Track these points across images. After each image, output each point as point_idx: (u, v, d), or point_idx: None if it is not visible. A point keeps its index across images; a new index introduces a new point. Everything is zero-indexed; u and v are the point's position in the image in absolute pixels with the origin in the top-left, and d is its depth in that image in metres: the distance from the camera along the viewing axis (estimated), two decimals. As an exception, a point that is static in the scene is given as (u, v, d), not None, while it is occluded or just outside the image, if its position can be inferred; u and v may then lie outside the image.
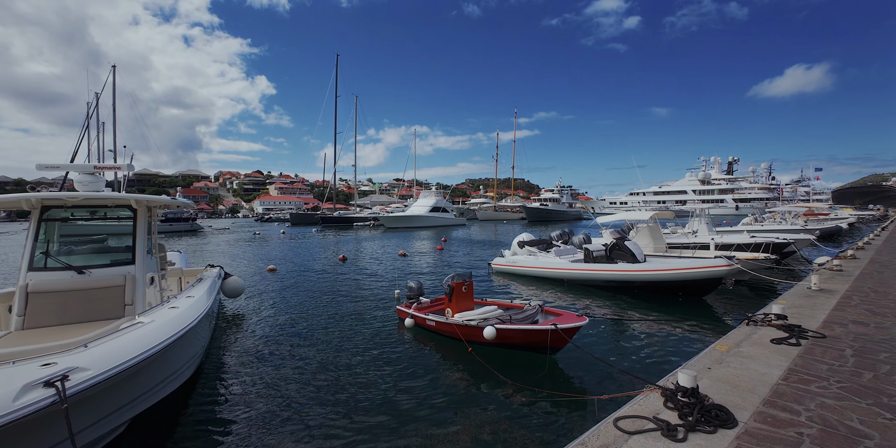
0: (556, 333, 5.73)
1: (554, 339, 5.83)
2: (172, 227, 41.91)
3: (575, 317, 6.33)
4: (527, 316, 6.75)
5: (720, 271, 9.36)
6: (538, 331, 5.85)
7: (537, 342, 5.92)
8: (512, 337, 6.17)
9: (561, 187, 78.27)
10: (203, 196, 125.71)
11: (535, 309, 7.05)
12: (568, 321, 6.04)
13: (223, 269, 10.08)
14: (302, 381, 5.59)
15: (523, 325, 6.03)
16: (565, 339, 5.91)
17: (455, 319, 6.83)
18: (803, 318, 5.63)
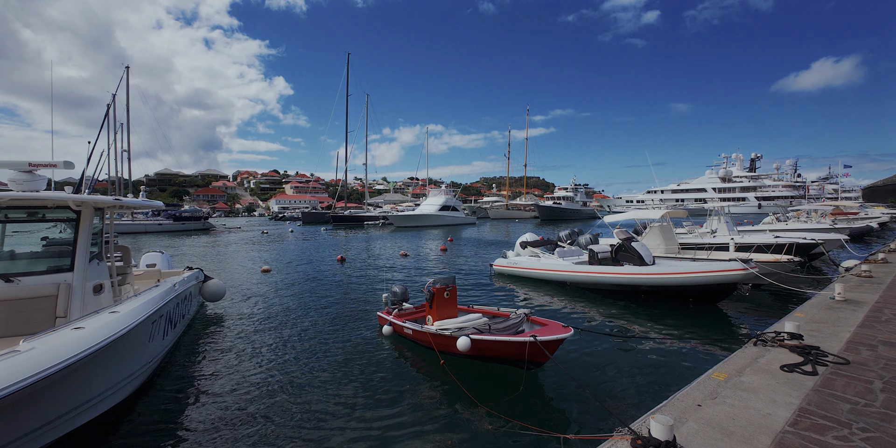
0: (536, 347, 5.11)
1: (533, 353, 5.21)
2: (185, 226, 42.44)
3: (560, 328, 5.67)
4: (509, 325, 6.12)
5: (733, 276, 8.54)
6: (515, 343, 5.23)
7: (515, 355, 5.30)
8: (488, 349, 5.57)
9: (575, 185, 76.70)
10: (221, 195, 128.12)
11: (519, 318, 6.41)
12: (550, 333, 5.39)
13: (203, 271, 9.73)
14: (261, 392, 5.21)
15: (500, 337, 5.41)
16: (546, 353, 5.30)
17: (430, 328, 6.27)
18: (823, 337, 4.85)
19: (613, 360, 6.05)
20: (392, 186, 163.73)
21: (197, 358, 6.52)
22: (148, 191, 11.96)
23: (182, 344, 7.20)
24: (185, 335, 7.70)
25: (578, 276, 10.88)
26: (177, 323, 6.84)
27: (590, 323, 8.11)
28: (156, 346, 5.57)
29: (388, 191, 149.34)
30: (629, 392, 5.01)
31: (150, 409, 4.85)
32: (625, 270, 9.85)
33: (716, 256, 11.61)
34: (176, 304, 6.71)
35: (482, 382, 5.46)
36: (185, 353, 6.78)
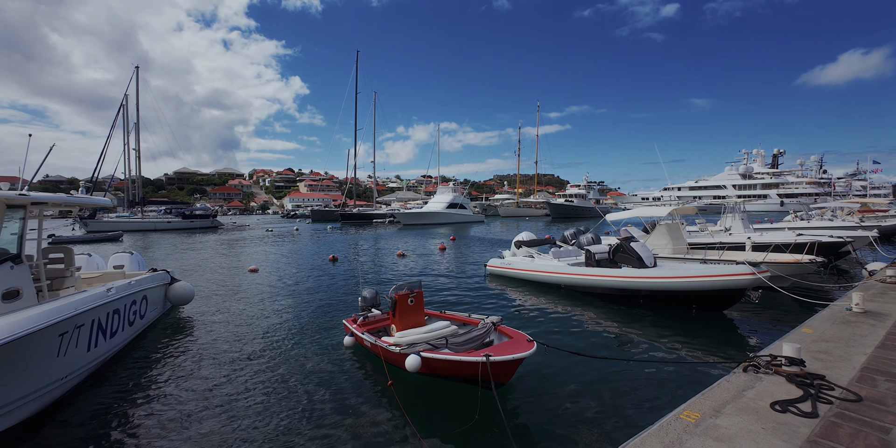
0: (492, 366, 4.43)
1: (493, 373, 4.54)
2: (194, 224, 42.75)
3: (523, 343, 4.98)
4: (472, 337, 5.42)
5: (740, 281, 7.66)
6: (467, 363, 4.56)
7: (470, 376, 4.64)
8: (441, 368, 4.91)
9: (588, 183, 74.97)
10: (237, 193, 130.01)
11: (486, 328, 5.70)
12: (509, 351, 4.71)
13: (169, 272, 9.30)
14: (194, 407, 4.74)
15: (451, 355, 4.74)
16: (505, 373, 4.62)
17: (382, 342, 5.63)
18: (832, 362, 4.02)
19: (589, 379, 5.30)
20: (405, 184, 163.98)
21: (141, 367, 6.05)
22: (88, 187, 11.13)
23: (133, 350, 6.74)
24: (142, 340, 7.26)
25: (573, 279, 10.10)
26: (118, 330, 6.35)
27: (575, 332, 7.34)
28: (74, 358, 5.06)
29: (401, 189, 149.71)
30: (597, 423, 4.28)
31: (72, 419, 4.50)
32: (621, 273, 9.04)
33: (729, 257, 10.67)
34: (114, 311, 6.22)
35: (434, 408, 4.80)
36: (132, 360, 6.31)
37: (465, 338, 5.41)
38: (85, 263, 9.21)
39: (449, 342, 5.27)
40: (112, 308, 6.14)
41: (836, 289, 9.99)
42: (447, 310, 7.30)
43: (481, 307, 9.29)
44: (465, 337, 5.43)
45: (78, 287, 6.94)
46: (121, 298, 6.45)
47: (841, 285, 10.31)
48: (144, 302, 7.68)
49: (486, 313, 8.61)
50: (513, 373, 4.72)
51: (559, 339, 7.03)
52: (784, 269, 9.37)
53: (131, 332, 7.01)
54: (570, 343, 6.82)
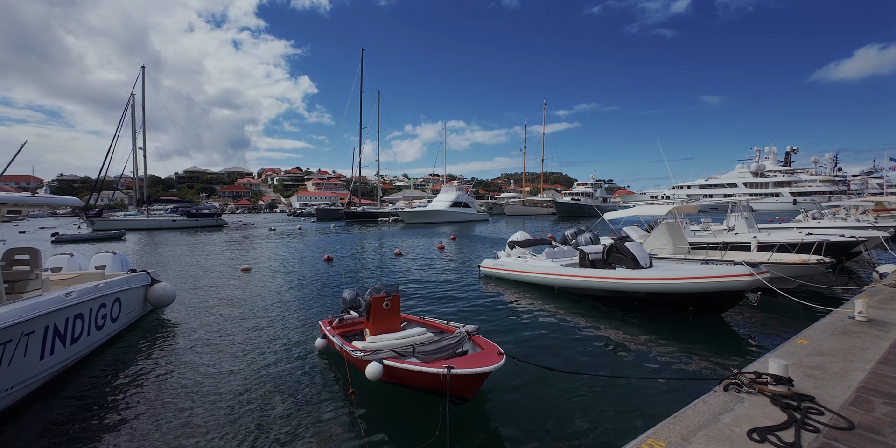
0: (453, 379, 4.13)
1: (453, 386, 4.23)
2: (198, 223, 43.00)
3: (493, 355, 4.66)
4: (442, 346, 5.13)
5: (737, 283, 7.27)
6: (428, 374, 4.27)
7: (431, 388, 4.35)
8: (404, 378, 4.63)
9: (595, 181, 74.03)
10: (245, 192, 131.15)
11: (459, 337, 5.38)
12: (475, 363, 4.40)
13: (149, 273, 9.11)
14: (143, 420, 4.50)
15: (413, 365, 4.44)
16: (468, 386, 4.32)
17: (351, 345, 5.36)
18: (826, 380, 3.63)
19: (563, 396, 4.95)
20: (412, 183, 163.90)
21: (104, 375, 5.83)
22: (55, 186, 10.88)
23: (101, 355, 6.53)
24: (114, 345, 7.06)
25: (566, 280, 9.74)
26: (81, 336, 6.14)
27: (562, 337, 6.98)
28: (22, 368, 4.83)
29: (408, 187, 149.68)
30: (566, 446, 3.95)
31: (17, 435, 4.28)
32: (614, 274, 8.66)
33: (731, 257, 10.23)
34: (76, 315, 6.01)
35: (395, 420, 4.50)
36: (98, 367, 6.10)
37: (434, 346, 5.12)
38: (66, 264, 9.07)
39: (416, 350, 4.97)
40: (74, 312, 5.92)
41: (844, 292, 9.48)
42: (427, 315, 7.01)
43: (471, 309, 8.96)
44: (435, 345, 5.14)
45: (46, 289, 6.74)
46: (85, 302, 6.23)
47: (849, 288, 9.79)
48: (118, 304, 7.48)
49: (469, 318, 8.34)
50: (477, 387, 4.40)
51: (545, 344, 6.69)
52: (789, 271, 8.90)
53: (100, 337, 6.80)
54: (555, 349, 6.48)
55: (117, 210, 61.88)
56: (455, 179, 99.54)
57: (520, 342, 6.88)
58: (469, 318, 8.31)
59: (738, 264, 7.49)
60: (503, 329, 7.60)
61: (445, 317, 8.49)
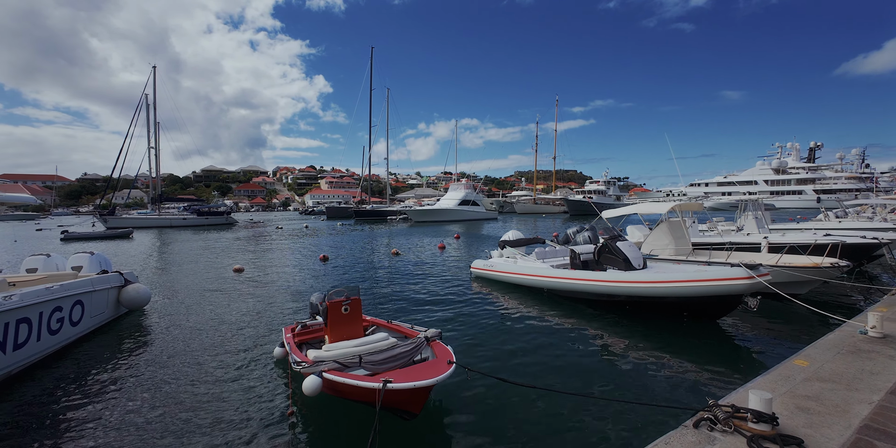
0: (392, 394, 3.70)
1: (394, 401, 3.85)
2: (208, 221, 43.44)
3: (442, 365, 4.23)
4: (396, 354, 4.67)
5: (734, 286, 6.67)
6: (363, 389, 3.87)
7: (370, 401, 3.92)
8: (344, 392, 4.23)
9: (608, 179, 72.42)
10: (260, 190, 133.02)
11: (416, 343, 4.93)
12: (420, 374, 4.00)
13: (122, 274, 8.86)
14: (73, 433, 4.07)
15: (348, 378, 4.02)
16: (410, 401, 3.88)
17: (298, 356, 4.93)
18: (822, 416, 3.03)
19: (522, 410, 4.44)
20: (425, 181, 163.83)
21: (50, 383, 5.51)
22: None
23: (54, 362, 6.25)
24: (73, 349, 6.79)
25: (554, 282, 9.21)
26: (27, 341, 5.85)
27: (540, 345, 6.43)
28: None
29: (420, 185, 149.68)
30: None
31: None
32: (604, 277, 8.10)
33: (737, 259, 9.51)
34: (19, 320, 5.72)
35: (331, 443, 4.05)
36: (47, 374, 5.81)
37: (385, 355, 4.65)
38: (42, 265, 8.88)
39: (364, 360, 4.51)
40: (15, 317, 5.64)
41: (861, 300, 8.67)
42: (396, 319, 6.55)
43: (453, 312, 8.45)
44: (386, 354, 4.67)
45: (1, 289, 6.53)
46: (31, 306, 5.94)
47: (868, 296, 8.96)
48: (79, 307, 7.22)
49: (450, 321, 7.86)
50: (421, 401, 3.97)
51: (518, 350, 6.17)
52: (800, 275, 8.13)
53: (56, 342, 6.53)
54: (529, 357, 5.98)
55: (136, 208, 63.29)
56: (467, 177, 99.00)
57: (493, 348, 6.40)
58: (450, 322, 7.86)
59: (736, 266, 6.84)
60: (481, 333, 7.12)
61: (427, 320, 8.08)
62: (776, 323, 7.37)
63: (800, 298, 7.03)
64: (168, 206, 47.69)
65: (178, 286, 11.93)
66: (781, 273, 7.89)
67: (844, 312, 7.01)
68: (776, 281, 7.55)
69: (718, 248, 10.40)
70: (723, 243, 10.90)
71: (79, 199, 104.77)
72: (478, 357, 6.10)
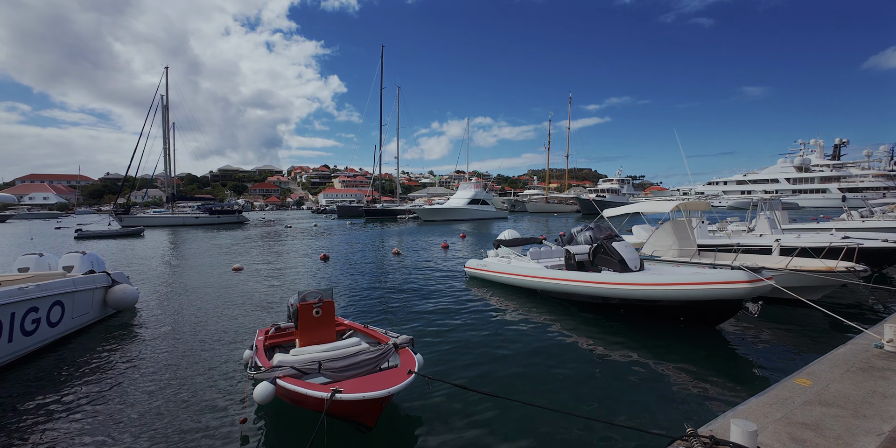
0: (340, 405, 3.48)
1: (346, 413, 3.61)
2: (220, 220, 43.98)
3: (402, 374, 3.94)
4: (360, 361, 4.36)
5: (732, 290, 6.20)
6: (312, 398, 3.62)
7: (318, 411, 3.68)
8: (297, 400, 3.99)
9: (621, 177, 70.98)
10: (275, 189, 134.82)
11: (383, 349, 4.62)
12: (373, 385, 3.71)
13: (110, 275, 8.78)
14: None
15: (298, 386, 3.76)
16: (362, 413, 3.61)
17: (261, 361, 4.69)
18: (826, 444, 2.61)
19: (495, 424, 4.09)
20: (438, 180, 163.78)
21: (20, 385, 5.39)
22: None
23: (28, 364, 6.14)
24: (53, 351, 6.67)
25: (545, 284, 8.87)
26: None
27: (525, 351, 6.04)
28: None
29: (433, 184, 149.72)
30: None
31: None
32: (597, 278, 7.70)
33: (743, 261, 8.96)
34: None
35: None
36: (22, 375, 5.69)
37: (348, 362, 4.33)
38: (34, 264, 8.85)
39: (324, 367, 4.21)
40: None
41: (881, 310, 8.02)
42: (370, 323, 6.26)
43: (440, 314, 8.12)
44: (349, 361, 4.35)
45: None
46: (3, 306, 5.82)
47: (888, 305, 8.30)
48: (58, 307, 7.11)
49: (434, 323, 7.53)
50: (375, 413, 3.68)
51: (500, 356, 5.81)
52: (812, 280, 7.54)
53: (29, 343, 6.41)
54: (508, 363, 5.61)
55: (154, 207, 64.58)
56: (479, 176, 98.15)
57: (476, 353, 6.05)
58: (433, 324, 7.53)
59: (737, 269, 6.35)
60: (465, 337, 6.77)
61: (411, 322, 7.76)
62: (783, 330, 6.83)
63: (812, 305, 6.50)
64: (182, 205, 48.47)
65: (175, 285, 11.88)
66: (791, 276, 7.34)
67: (860, 321, 6.44)
68: (786, 285, 7.04)
69: (726, 250, 9.83)
70: (730, 245, 10.30)
71: (101, 198, 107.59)
72: (455, 364, 5.76)
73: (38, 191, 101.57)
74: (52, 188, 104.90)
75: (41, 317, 6.71)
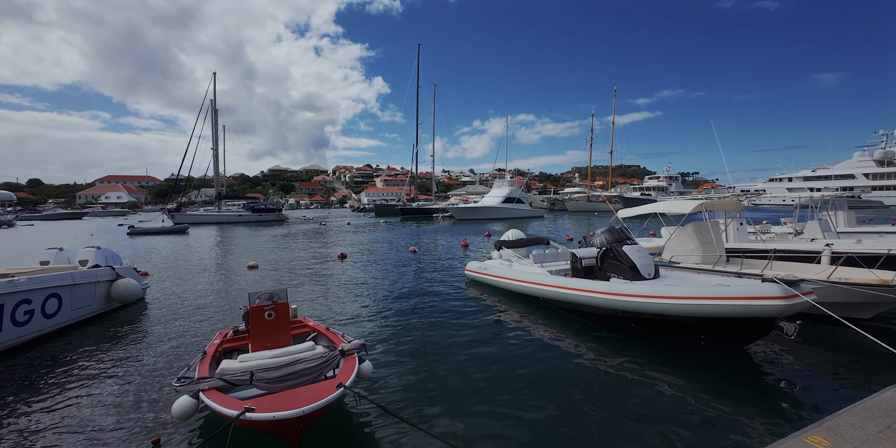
0: (253, 424, 3.18)
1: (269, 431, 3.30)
2: (262, 217, 45.92)
3: (331, 388, 3.52)
4: (300, 370, 3.99)
5: (761, 307, 5.14)
6: (224, 415, 3.32)
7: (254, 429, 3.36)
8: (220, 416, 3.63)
9: (669, 174, 66.66)
10: (320, 188, 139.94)
11: (326, 358, 4.21)
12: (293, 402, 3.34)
13: (115, 269, 9.03)
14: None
15: (213, 402, 3.44)
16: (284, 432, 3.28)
17: (201, 369, 4.42)
18: None
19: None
20: (478, 178, 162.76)
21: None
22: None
23: (19, 354, 6.32)
24: (48, 342, 6.90)
25: (546, 291, 8.00)
26: None
27: (509, 366, 5.39)
28: None
29: (473, 182, 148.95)
30: None
31: None
32: (603, 287, 6.78)
33: (778, 269, 7.73)
34: None
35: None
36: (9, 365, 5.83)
37: (285, 371, 3.95)
38: (54, 258, 9.33)
39: (256, 377, 3.86)
40: None
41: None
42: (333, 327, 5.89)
43: (429, 319, 7.62)
44: (286, 370, 3.97)
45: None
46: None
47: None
48: (55, 300, 7.32)
49: (414, 330, 7.03)
50: (295, 433, 3.23)
51: (484, 380, 5.18)
52: (861, 295, 6.20)
53: (21, 333, 6.61)
54: (493, 390, 4.95)
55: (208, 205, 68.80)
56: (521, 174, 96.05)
57: (445, 366, 5.45)
58: (414, 331, 7.02)
59: (769, 281, 5.30)
60: (444, 349, 6.20)
61: (391, 327, 7.27)
62: (814, 358, 5.68)
63: (860, 325, 5.33)
64: (230, 204, 51.12)
65: (187, 281, 12.19)
66: (836, 290, 6.10)
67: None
68: (828, 301, 5.87)
69: (761, 257, 8.48)
70: (766, 251, 8.85)
71: (165, 196, 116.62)
72: (428, 376, 5.22)
73: (113, 191, 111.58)
74: (125, 188, 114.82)
75: (34, 308, 6.91)
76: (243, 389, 4.04)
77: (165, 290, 11.01)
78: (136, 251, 20.39)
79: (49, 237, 29.14)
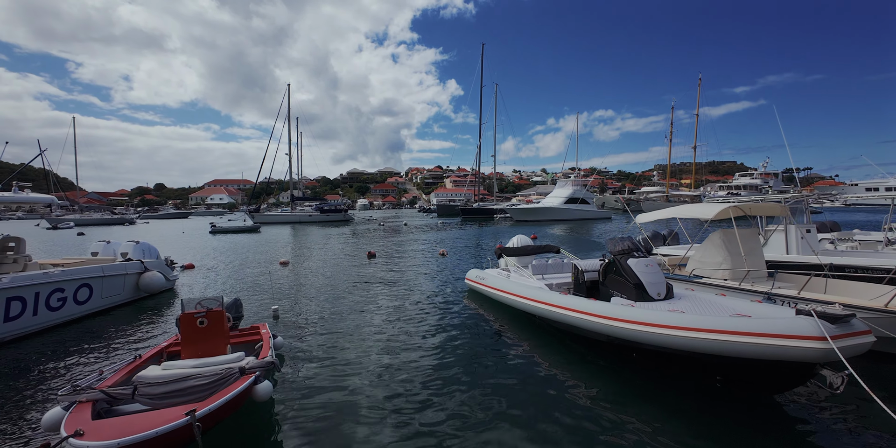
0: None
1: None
2: (329, 218, 48.97)
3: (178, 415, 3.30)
4: (188, 387, 3.79)
5: (791, 350, 3.79)
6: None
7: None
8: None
9: (766, 170, 58.34)
10: (392, 190, 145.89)
11: (221, 375, 3.96)
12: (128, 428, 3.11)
13: (143, 263, 10.03)
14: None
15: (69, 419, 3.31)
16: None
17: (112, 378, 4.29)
18: None
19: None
20: (550, 177, 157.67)
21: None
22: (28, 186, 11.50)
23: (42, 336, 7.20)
24: (73, 326, 7.71)
25: (539, 309, 6.79)
26: (21, 315, 6.85)
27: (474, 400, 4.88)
28: None
29: (545, 182, 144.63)
30: None
31: None
32: (601, 309, 5.49)
33: (839, 291, 6.27)
34: (7, 299, 6.69)
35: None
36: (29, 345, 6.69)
37: (172, 387, 3.77)
38: (102, 250, 10.63)
39: (139, 392, 3.74)
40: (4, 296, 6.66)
41: None
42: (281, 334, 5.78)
43: (415, 328, 7.21)
44: (174, 385, 3.79)
45: (27, 270, 7.96)
46: (19, 287, 6.86)
47: None
48: (86, 289, 8.27)
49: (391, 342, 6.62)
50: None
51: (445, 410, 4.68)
52: None
53: (55, 317, 7.54)
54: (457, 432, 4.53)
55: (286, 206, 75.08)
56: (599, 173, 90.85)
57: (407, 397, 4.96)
58: (395, 340, 6.67)
59: (804, 313, 3.98)
60: (417, 368, 5.72)
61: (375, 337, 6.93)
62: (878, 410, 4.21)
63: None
64: (303, 205, 55.28)
65: (220, 275, 13.12)
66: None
67: None
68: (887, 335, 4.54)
69: (816, 272, 6.71)
70: (820, 266, 6.94)
71: (258, 198, 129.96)
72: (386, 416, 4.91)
73: (217, 193, 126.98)
74: (226, 190, 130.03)
75: (67, 296, 7.89)
76: (125, 404, 3.87)
77: (198, 283, 12.03)
78: (206, 246, 22.70)
79: (152, 232, 33.85)
